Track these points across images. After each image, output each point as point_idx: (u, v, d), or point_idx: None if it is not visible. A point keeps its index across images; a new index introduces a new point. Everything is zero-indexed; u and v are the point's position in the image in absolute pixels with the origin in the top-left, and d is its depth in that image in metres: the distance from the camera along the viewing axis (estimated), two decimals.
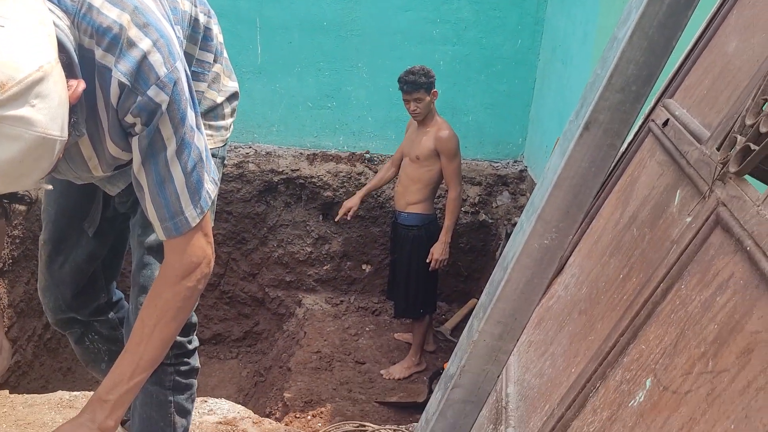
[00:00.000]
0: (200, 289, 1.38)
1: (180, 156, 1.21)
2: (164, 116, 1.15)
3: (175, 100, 1.15)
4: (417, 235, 3.43)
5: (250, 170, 4.11)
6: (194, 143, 1.23)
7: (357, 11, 4.03)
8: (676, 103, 1.17)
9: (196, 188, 1.27)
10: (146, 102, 1.12)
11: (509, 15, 3.99)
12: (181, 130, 1.19)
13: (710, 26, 1.20)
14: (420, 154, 3.37)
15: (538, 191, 1.13)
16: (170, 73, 1.12)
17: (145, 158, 1.19)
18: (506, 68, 4.10)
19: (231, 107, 1.65)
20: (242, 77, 4.10)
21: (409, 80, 3.26)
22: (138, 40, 1.09)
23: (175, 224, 1.27)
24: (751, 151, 0.80)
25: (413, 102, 3.29)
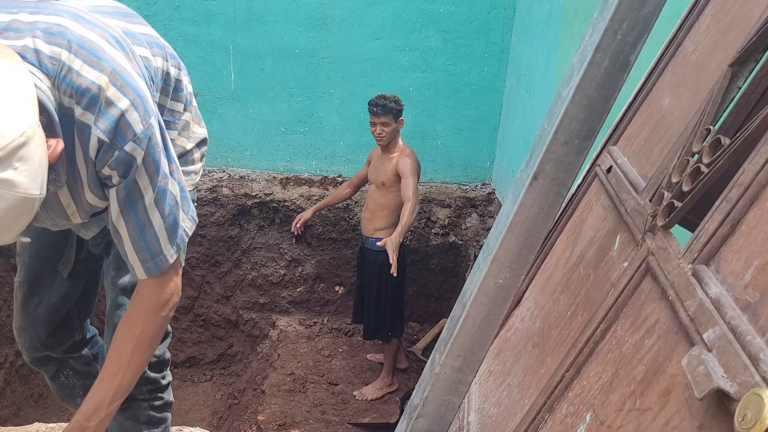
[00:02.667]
0: (171, 316, 1.47)
1: (158, 203, 1.28)
2: (140, 168, 1.22)
3: (150, 153, 1.23)
4: (385, 259, 3.47)
5: (223, 194, 4.16)
6: (169, 189, 1.31)
7: (328, 39, 4.13)
8: (618, 151, 1.28)
9: (173, 229, 1.35)
10: (123, 156, 1.19)
11: (476, 44, 4.12)
12: (156, 179, 1.26)
13: (649, 79, 1.31)
14: (385, 180, 3.46)
15: (492, 234, 1.22)
16: (146, 129, 1.20)
17: (123, 208, 1.26)
18: (473, 95, 4.23)
19: (200, 152, 1.73)
20: (216, 103, 4.21)
21: (380, 103, 3.34)
22: (116, 100, 1.16)
23: (156, 263, 1.35)
24: (675, 207, 0.90)
25: (380, 125, 3.35)
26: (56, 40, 1.13)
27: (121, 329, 1.41)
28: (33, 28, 1.13)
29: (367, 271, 3.58)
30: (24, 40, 1.11)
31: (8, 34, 1.11)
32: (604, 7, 1.08)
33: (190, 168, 1.69)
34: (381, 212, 3.50)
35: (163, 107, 1.51)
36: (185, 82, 1.60)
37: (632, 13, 1.04)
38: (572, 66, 1.12)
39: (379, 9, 4.07)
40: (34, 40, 1.11)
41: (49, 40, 1.13)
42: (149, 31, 1.46)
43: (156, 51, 1.43)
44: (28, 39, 1.11)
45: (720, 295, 0.72)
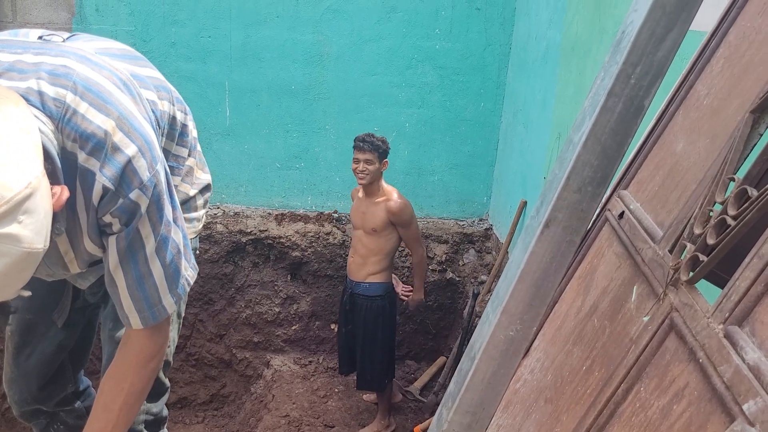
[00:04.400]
0: (159, 368, 1.40)
1: (159, 252, 1.24)
2: (144, 217, 1.18)
3: (155, 201, 1.18)
4: (381, 304, 3.38)
5: (218, 231, 4.10)
6: (172, 237, 1.26)
7: (324, 75, 4.12)
8: (630, 196, 1.24)
9: (174, 278, 1.30)
10: (128, 204, 1.14)
11: (472, 79, 4.12)
12: (159, 228, 1.22)
13: (660, 122, 1.27)
14: (376, 227, 3.29)
15: (502, 284, 1.17)
16: (152, 177, 1.16)
17: (123, 257, 1.21)
18: (470, 130, 4.22)
19: (203, 199, 1.68)
20: (211, 139, 4.17)
21: (367, 139, 3.23)
22: (123, 146, 1.11)
23: (153, 313, 1.30)
24: (700, 261, 0.85)
25: (363, 162, 3.21)
26: (61, 81, 1.09)
27: (109, 383, 1.34)
28: (37, 70, 1.09)
29: (358, 318, 3.42)
30: (28, 82, 1.07)
31: (12, 75, 1.07)
32: (616, 50, 1.05)
33: (193, 215, 1.65)
34: (373, 257, 3.35)
35: (167, 152, 1.48)
36: (190, 126, 1.57)
37: (646, 57, 1.01)
38: (584, 110, 1.08)
39: (375, 45, 4.08)
40: (38, 82, 1.07)
41: (54, 81, 1.08)
42: (156, 74, 1.43)
43: (163, 95, 1.39)
44: (32, 80, 1.07)
45: (759, 362, 0.67)
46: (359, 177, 3.27)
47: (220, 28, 4.04)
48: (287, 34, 4.06)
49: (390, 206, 3.25)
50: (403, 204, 3.27)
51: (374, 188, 3.31)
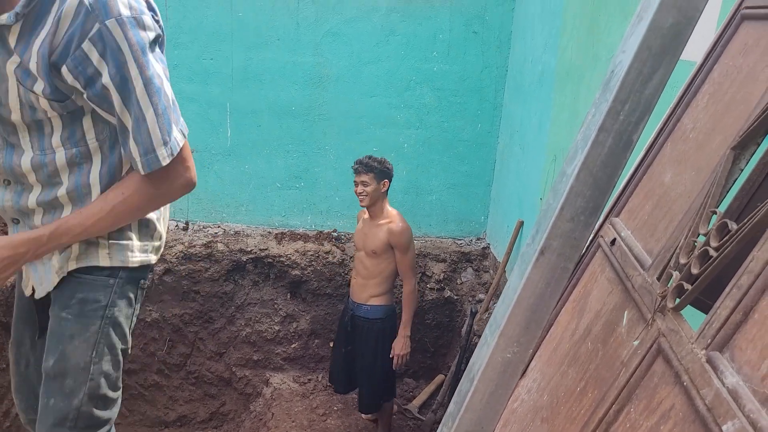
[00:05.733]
0: (172, 199, 1.59)
1: (151, 96, 1.36)
2: (129, 57, 1.32)
3: (137, 43, 1.32)
4: (382, 327, 3.40)
5: (218, 250, 4.14)
6: (163, 87, 1.40)
7: (324, 96, 4.20)
8: (621, 224, 1.29)
9: (167, 130, 1.41)
10: (108, 38, 1.29)
11: (469, 101, 4.20)
12: (147, 71, 1.34)
13: (649, 153, 1.33)
14: (376, 249, 3.31)
15: (499, 308, 1.23)
16: (133, 18, 1.31)
17: (122, 100, 1.35)
18: (467, 150, 4.29)
19: (160, 230, 1.72)
20: (212, 159, 4.24)
21: (363, 161, 3.27)
22: None
23: (148, 161, 1.42)
24: (685, 290, 0.91)
25: (360, 184, 3.26)
26: None
27: (114, 188, 1.50)
28: None
29: (359, 340, 3.44)
30: None
31: None
32: (606, 89, 1.11)
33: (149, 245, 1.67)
34: (374, 279, 3.37)
35: None
36: None
37: (634, 95, 1.07)
38: (576, 144, 1.15)
39: (374, 68, 4.16)
40: None
41: None
42: None
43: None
44: None
45: (737, 386, 0.72)
46: (359, 199, 3.32)
47: (222, 50, 4.12)
48: (288, 56, 4.14)
49: (391, 228, 3.28)
50: (404, 227, 3.30)
51: (377, 210, 3.34)
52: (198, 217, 4.35)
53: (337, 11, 4.07)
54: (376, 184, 3.27)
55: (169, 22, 4.05)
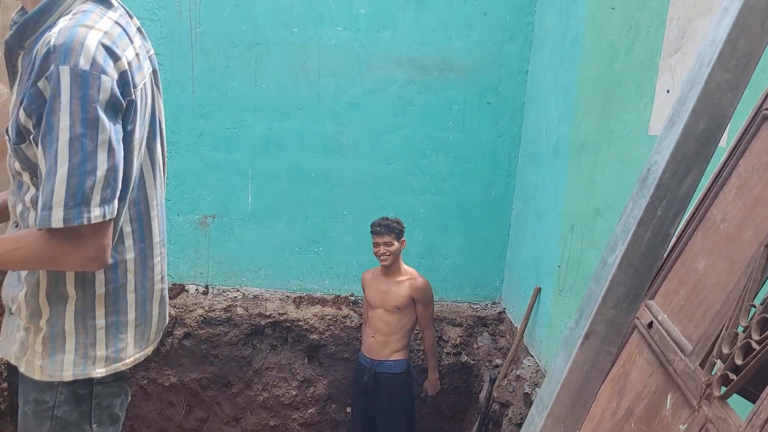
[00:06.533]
0: (63, 267, 1.42)
1: (71, 152, 1.26)
2: (64, 105, 1.25)
3: (82, 98, 1.26)
4: (405, 381, 3.53)
5: (238, 314, 4.20)
6: (92, 151, 1.28)
7: (343, 164, 4.33)
8: (657, 307, 1.37)
9: (74, 193, 1.28)
10: (54, 77, 1.26)
11: (483, 168, 4.33)
12: (77, 128, 1.25)
13: (681, 239, 1.42)
14: (400, 305, 3.53)
15: (545, 389, 1.29)
16: (89, 74, 1.27)
17: (42, 144, 1.29)
18: (482, 215, 4.39)
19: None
20: (233, 223, 4.34)
21: (382, 223, 3.53)
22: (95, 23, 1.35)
23: (41, 217, 1.30)
24: (730, 379, 0.97)
25: (383, 245, 3.51)
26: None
27: (23, 233, 1.41)
28: None
29: (382, 397, 3.52)
30: None
31: None
32: (643, 185, 1.21)
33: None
34: (396, 335, 3.53)
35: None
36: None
37: (670, 193, 1.16)
38: (616, 235, 1.23)
39: (391, 136, 4.31)
40: None
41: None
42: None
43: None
44: None
45: None
46: (382, 259, 3.52)
47: (245, 120, 4.28)
48: (308, 125, 4.29)
49: (414, 284, 3.53)
50: (426, 282, 3.58)
51: (395, 268, 3.58)
52: (218, 281, 4.42)
53: (356, 83, 4.25)
54: (397, 243, 3.52)
55: (195, 94, 4.23)
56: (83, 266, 1.39)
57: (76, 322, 1.50)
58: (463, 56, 4.21)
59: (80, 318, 1.50)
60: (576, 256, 3.09)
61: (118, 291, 1.53)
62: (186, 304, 4.19)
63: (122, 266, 1.53)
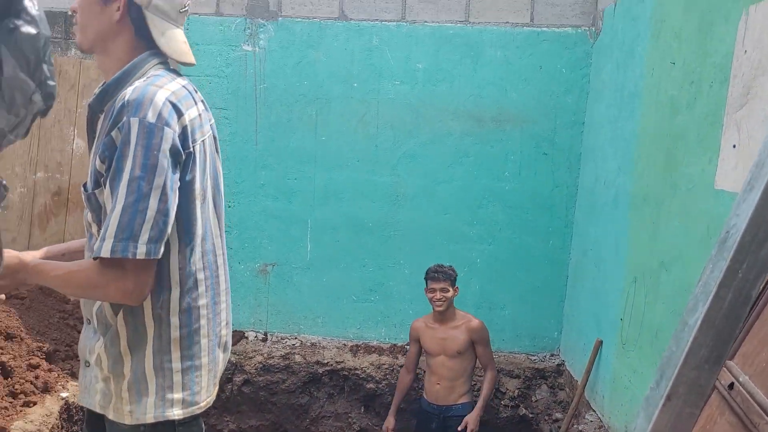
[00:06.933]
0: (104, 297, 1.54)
1: (127, 193, 1.40)
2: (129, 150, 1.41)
3: (145, 146, 1.41)
4: None
5: (296, 361, 4.25)
6: (147, 194, 1.40)
7: (399, 214, 4.40)
8: (737, 368, 1.36)
9: (124, 229, 1.40)
10: (125, 127, 1.42)
11: (540, 218, 4.34)
12: (136, 172, 1.40)
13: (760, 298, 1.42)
14: (460, 349, 3.63)
15: None
16: (155, 126, 1.43)
17: (111, 185, 1.44)
18: (539, 266, 4.37)
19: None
20: (292, 272, 4.43)
21: (439, 270, 3.66)
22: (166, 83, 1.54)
23: (97, 247, 1.43)
24: None
25: (440, 291, 3.62)
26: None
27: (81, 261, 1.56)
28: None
29: None
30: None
31: None
32: (723, 248, 1.22)
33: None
34: (459, 379, 3.66)
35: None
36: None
37: (751, 256, 1.18)
38: (696, 296, 1.25)
39: (448, 186, 4.37)
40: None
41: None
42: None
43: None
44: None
45: None
46: (437, 304, 3.63)
47: (305, 171, 4.42)
48: (366, 176, 4.40)
49: (470, 326, 3.64)
50: (482, 323, 3.69)
51: (449, 314, 3.68)
52: (276, 328, 4.50)
53: (413, 135, 4.35)
54: (452, 290, 3.64)
55: (258, 146, 4.40)
56: (122, 298, 1.48)
57: (155, 365, 1.58)
58: (519, 108, 4.28)
59: (158, 361, 1.58)
60: (639, 309, 3.05)
61: (192, 336, 1.62)
62: (245, 351, 4.28)
63: (195, 312, 1.62)
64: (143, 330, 1.57)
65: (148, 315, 1.56)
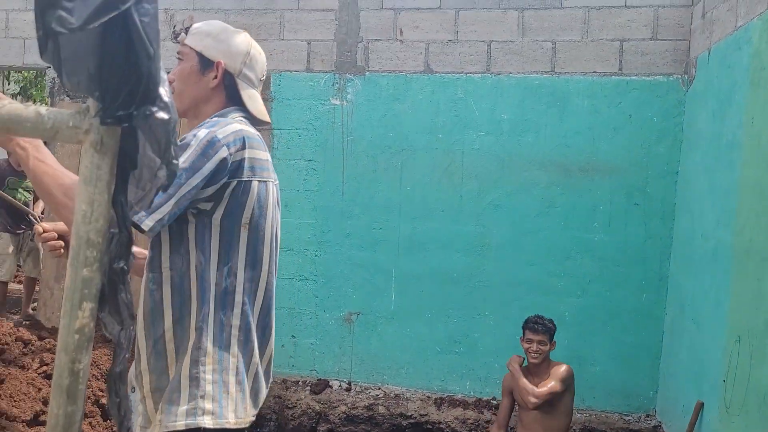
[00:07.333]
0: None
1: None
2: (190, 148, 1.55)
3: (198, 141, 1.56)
4: None
5: (379, 413, 4.23)
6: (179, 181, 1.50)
7: (485, 264, 4.36)
8: None
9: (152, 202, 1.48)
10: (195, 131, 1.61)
11: (632, 271, 4.18)
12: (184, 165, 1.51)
13: None
14: (553, 400, 3.51)
15: None
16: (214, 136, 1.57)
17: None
18: (632, 321, 4.19)
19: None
20: (376, 321, 4.45)
21: (539, 322, 3.59)
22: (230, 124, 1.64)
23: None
24: None
25: (537, 343, 3.54)
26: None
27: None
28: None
29: None
30: None
31: None
32: None
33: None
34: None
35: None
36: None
37: None
38: None
39: (534, 237, 4.30)
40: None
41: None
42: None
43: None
44: None
45: None
46: (533, 356, 3.56)
47: (389, 221, 4.47)
48: (451, 226, 4.40)
49: (559, 374, 3.51)
50: (568, 366, 3.58)
51: (543, 367, 3.58)
52: (360, 377, 4.51)
53: (498, 185, 4.33)
54: (550, 344, 3.57)
55: (344, 196, 4.50)
56: None
57: (191, 374, 1.62)
58: (608, 157, 4.19)
59: (194, 369, 1.63)
60: (744, 371, 2.86)
61: (223, 352, 1.66)
62: (330, 400, 4.29)
63: (227, 330, 1.67)
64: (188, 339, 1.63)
65: (192, 327, 1.63)
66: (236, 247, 1.66)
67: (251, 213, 1.66)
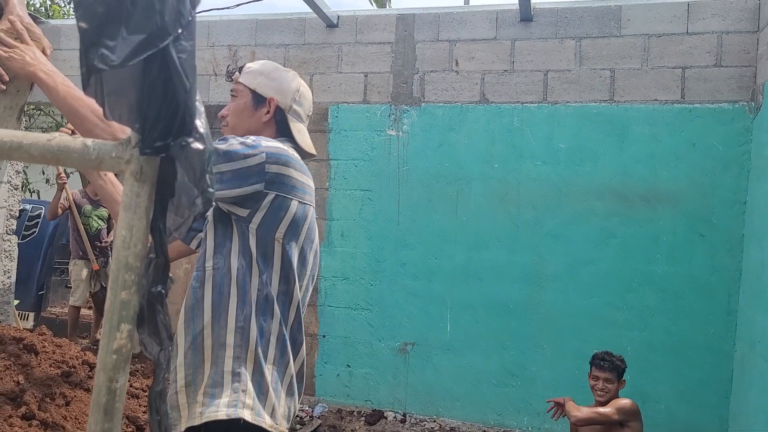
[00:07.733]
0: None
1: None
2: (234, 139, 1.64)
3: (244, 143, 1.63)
4: None
5: None
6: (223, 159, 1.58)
7: (542, 295, 4.27)
8: None
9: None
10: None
11: (697, 304, 4.01)
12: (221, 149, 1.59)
13: None
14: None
15: None
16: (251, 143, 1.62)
17: None
18: (698, 356, 4.01)
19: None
20: (430, 352, 4.41)
21: (607, 359, 3.40)
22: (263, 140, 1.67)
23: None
24: None
25: (603, 380, 3.36)
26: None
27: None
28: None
29: None
30: None
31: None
32: None
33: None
34: None
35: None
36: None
37: None
38: None
39: (593, 268, 4.19)
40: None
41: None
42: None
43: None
44: None
45: None
46: (598, 394, 3.39)
47: (445, 250, 4.45)
48: (507, 256, 4.34)
49: (620, 407, 3.29)
50: (628, 399, 3.35)
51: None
52: (415, 409, 4.46)
53: (555, 215, 4.26)
54: (617, 383, 3.39)
55: (399, 225, 4.52)
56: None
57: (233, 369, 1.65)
58: (670, 187, 4.07)
59: (236, 366, 1.66)
60: None
61: (259, 356, 1.69)
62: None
63: (266, 336, 1.71)
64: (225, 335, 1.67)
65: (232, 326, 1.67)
66: (271, 259, 1.70)
67: (285, 229, 1.70)
